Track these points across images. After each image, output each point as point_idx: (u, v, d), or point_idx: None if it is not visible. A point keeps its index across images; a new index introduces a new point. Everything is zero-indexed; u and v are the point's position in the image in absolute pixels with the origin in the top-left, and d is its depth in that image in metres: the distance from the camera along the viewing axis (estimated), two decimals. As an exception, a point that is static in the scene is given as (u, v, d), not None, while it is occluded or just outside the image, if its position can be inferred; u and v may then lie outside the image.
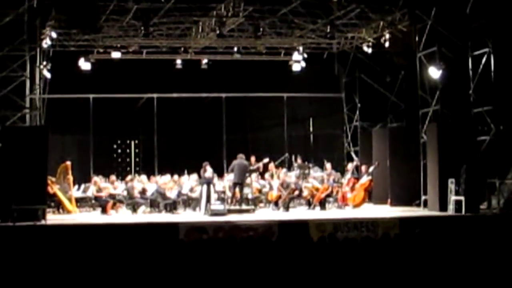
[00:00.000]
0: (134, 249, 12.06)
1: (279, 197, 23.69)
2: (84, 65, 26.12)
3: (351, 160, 27.28)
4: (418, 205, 23.34)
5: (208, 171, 22.86)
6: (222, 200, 23.26)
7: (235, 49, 27.13)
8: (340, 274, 10.22)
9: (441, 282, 10.15)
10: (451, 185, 21.47)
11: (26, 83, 21.71)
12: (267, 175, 24.94)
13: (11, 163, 20.34)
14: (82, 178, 25.20)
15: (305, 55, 27.16)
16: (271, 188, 24.34)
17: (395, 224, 19.59)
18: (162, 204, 23.16)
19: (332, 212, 23.11)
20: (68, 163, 23.47)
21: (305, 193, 23.96)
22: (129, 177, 24.49)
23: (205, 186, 22.69)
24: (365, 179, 24.47)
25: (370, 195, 25.60)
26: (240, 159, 23.45)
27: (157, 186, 23.40)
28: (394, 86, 26.60)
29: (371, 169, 24.70)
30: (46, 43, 22.99)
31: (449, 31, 22.17)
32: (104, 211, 22.86)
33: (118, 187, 23.68)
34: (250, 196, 24.00)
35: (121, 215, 22.78)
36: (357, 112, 28.27)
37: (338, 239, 12.96)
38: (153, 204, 23.25)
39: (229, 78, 28.09)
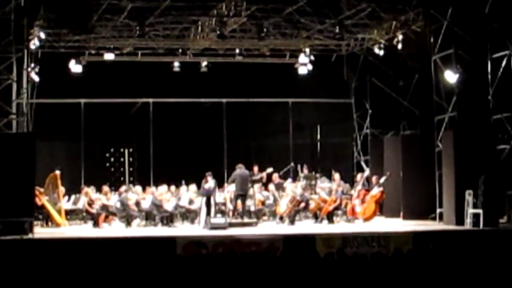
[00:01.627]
0: (128, 265, 12.07)
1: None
2: (75, 67, 26.19)
3: (361, 170, 27.27)
4: (433, 218, 23.35)
5: (210, 182, 22.84)
6: (222, 212, 23.25)
7: (237, 51, 27.17)
8: (349, 293, 10.23)
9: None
10: (469, 197, 21.47)
11: (12, 87, 21.73)
12: (271, 186, 24.95)
13: (-4, 173, 20.39)
14: (72, 188, 25.21)
15: (312, 58, 27.23)
16: (275, 200, 24.35)
17: (408, 239, 19.60)
18: (158, 217, 23.16)
19: (341, 226, 23.12)
20: (58, 172, 23.51)
21: (312, 205, 23.96)
22: (123, 188, 24.48)
23: (204, 198, 22.71)
24: (376, 191, 24.45)
25: (382, 208, 25.60)
26: (241, 169, 23.47)
27: (153, 197, 23.42)
28: (408, 91, 26.64)
29: (382, 179, 24.70)
30: (34, 44, 23.01)
31: (466, 32, 22.19)
32: (96, 224, 22.88)
33: (111, 199, 23.71)
34: (252, 209, 24.00)
35: (114, 229, 22.81)
36: (368, 119, 28.33)
37: (347, 255, 12.94)
38: (148, 217, 23.29)
39: (231, 82, 28.17)
